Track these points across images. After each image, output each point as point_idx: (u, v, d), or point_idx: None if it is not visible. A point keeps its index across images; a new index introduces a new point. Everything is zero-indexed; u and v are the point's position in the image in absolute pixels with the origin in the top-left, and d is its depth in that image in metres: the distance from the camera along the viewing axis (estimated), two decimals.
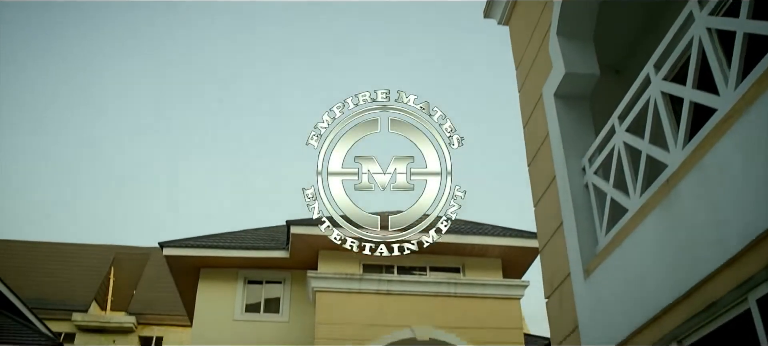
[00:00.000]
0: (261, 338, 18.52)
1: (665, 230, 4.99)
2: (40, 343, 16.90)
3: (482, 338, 16.58)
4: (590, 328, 6.08)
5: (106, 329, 29.06)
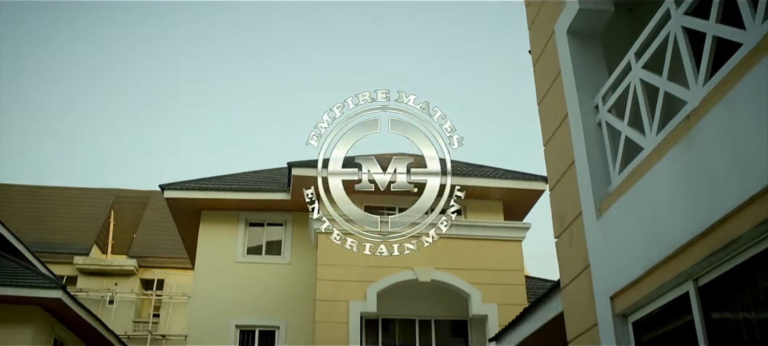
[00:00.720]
0: (263, 280, 18.65)
1: (684, 168, 4.91)
2: (44, 285, 16.97)
3: (484, 280, 16.68)
4: (602, 267, 6.06)
5: (108, 272, 29.22)
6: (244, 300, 18.40)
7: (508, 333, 10.81)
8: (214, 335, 18.04)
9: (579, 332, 6.51)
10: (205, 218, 19.28)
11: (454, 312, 17.52)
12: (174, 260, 29.71)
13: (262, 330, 18.44)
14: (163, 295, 29.19)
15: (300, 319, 18.15)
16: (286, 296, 18.41)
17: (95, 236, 30.90)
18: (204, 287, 18.62)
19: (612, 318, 5.83)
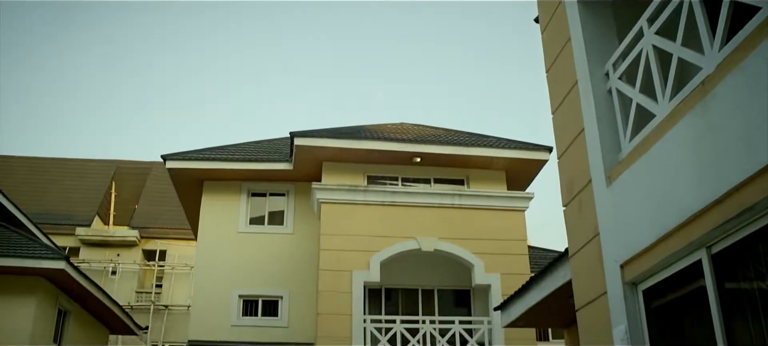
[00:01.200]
0: (265, 250, 18.67)
1: (698, 135, 4.85)
2: (48, 256, 16.99)
3: (487, 250, 16.71)
4: (612, 235, 6.02)
5: (110, 243, 29.29)
6: (247, 270, 18.45)
7: (513, 302, 10.80)
8: (218, 304, 18.11)
9: (588, 301, 6.49)
10: (208, 188, 19.25)
11: (457, 282, 17.59)
12: (176, 230, 29.77)
13: (266, 300, 18.51)
14: (166, 265, 29.28)
15: (303, 289, 18.22)
16: (288, 266, 18.45)
17: (97, 207, 30.93)
18: (207, 258, 18.65)
19: (622, 286, 5.80)
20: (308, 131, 17.86)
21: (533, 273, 16.89)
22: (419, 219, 16.84)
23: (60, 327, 18.77)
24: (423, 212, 16.93)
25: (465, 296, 17.89)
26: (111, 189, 32.29)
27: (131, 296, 28.16)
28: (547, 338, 19.29)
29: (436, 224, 16.81)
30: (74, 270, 17.74)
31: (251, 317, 18.36)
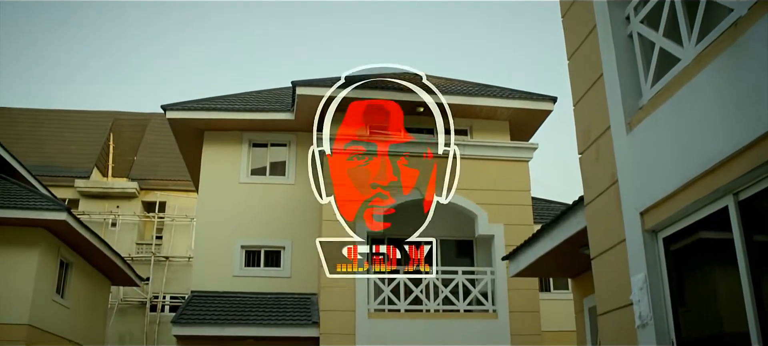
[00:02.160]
0: (267, 201, 18.59)
1: (728, 79, 4.72)
2: (49, 207, 16.91)
3: (490, 200, 16.64)
4: (631, 182, 5.93)
5: (109, 194, 29.19)
6: (248, 221, 18.39)
7: (522, 252, 10.78)
8: (220, 255, 18.10)
9: (604, 249, 6.43)
10: (208, 138, 19.08)
11: (459, 232, 17.58)
12: (175, 182, 29.67)
13: (268, 250, 18.50)
14: (166, 217, 29.24)
15: (305, 239, 18.16)
16: (291, 217, 18.39)
17: (95, 159, 30.75)
18: (208, 209, 18.58)
19: (641, 234, 5.73)
20: (310, 80, 17.63)
21: (536, 224, 16.98)
22: (422, 169, 16.72)
23: (62, 279, 18.80)
24: (426, 161, 16.79)
25: (468, 246, 17.88)
26: (109, 141, 32.07)
27: (131, 247, 28.15)
28: (549, 288, 19.35)
29: (440, 173, 16.69)
30: (76, 221, 17.68)
31: (254, 267, 18.36)
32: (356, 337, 15.46)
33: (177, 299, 28.03)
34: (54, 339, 17.99)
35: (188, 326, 16.02)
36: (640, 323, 5.66)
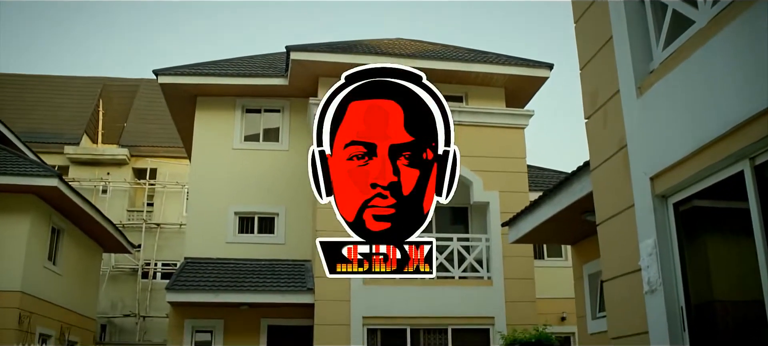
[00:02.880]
0: (261, 167, 18.46)
1: (746, 43, 4.61)
2: (40, 173, 16.72)
3: (485, 167, 16.56)
4: (641, 147, 5.84)
5: (100, 161, 28.90)
6: (242, 187, 18.26)
7: (523, 218, 10.73)
8: (213, 222, 17.99)
9: (611, 214, 6.36)
10: (201, 104, 18.86)
11: (456, 199, 17.40)
12: (166, 149, 29.41)
13: (261, 217, 18.40)
14: (157, 184, 29.02)
15: (299, 205, 18.10)
16: (284, 183, 18.27)
17: (85, 126, 30.40)
18: (201, 175, 18.42)
19: (651, 199, 5.66)
20: (304, 45, 17.41)
21: (531, 191, 16.95)
22: None
23: (54, 246, 18.66)
24: None
25: (462, 213, 17.84)
26: (98, 107, 31.69)
27: (123, 214, 27.94)
28: (542, 256, 19.37)
29: None
30: (67, 187, 17.50)
31: (247, 234, 18.27)
32: (351, 303, 15.45)
33: (169, 266, 27.93)
34: (46, 306, 17.91)
35: (182, 293, 15.95)
36: (649, 289, 5.61)
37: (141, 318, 26.76)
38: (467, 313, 15.76)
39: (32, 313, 17.08)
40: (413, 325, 15.62)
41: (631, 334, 6.00)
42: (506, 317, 15.73)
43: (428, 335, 15.72)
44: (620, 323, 6.22)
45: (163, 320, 26.30)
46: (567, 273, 18.76)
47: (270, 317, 16.85)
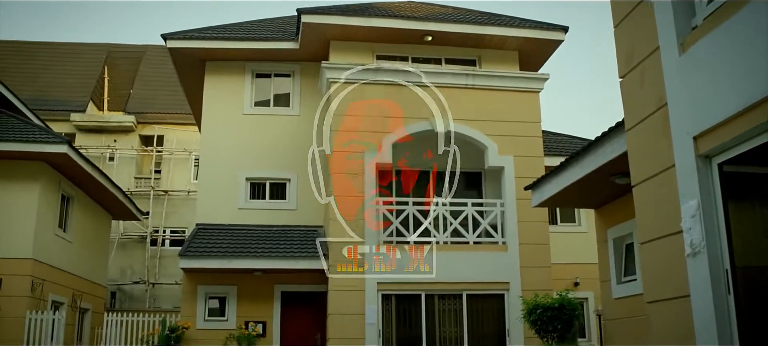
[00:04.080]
0: (272, 132, 18.27)
1: None
2: (50, 140, 16.57)
3: (500, 131, 16.39)
4: (683, 106, 5.64)
5: (106, 128, 28.70)
6: (253, 153, 18.09)
7: (547, 181, 10.54)
8: (224, 188, 17.85)
9: (649, 176, 6.18)
10: (210, 69, 18.61)
11: (468, 164, 17.32)
12: (173, 115, 29.18)
13: (273, 182, 18.25)
14: (164, 151, 28.84)
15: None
16: (296, 149, 18.06)
17: (90, 93, 30.14)
18: (212, 140, 18.23)
19: (694, 159, 5.48)
20: (316, 8, 17.09)
21: (546, 156, 16.77)
22: (431, 99, 16.38)
23: (64, 213, 18.57)
24: (434, 92, 16.45)
25: (476, 178, 17.68)
26: (104, 74, 31.39)
27: (130, 182, 27.81)
28: (556, 221, 19.21)
29: (450, 104, 16.37)
30: (77, 154, 17.36)
31: (259, 200, 18.13)
32: (365, 269, 15.35)
33: (177, 234, 27.90)
34: (58, 273, 17.87)
35: (195, 259, 15.87)
36: (691, 251, 5.45)
37: (150, 285, 26.77)
38: (482, 278, 15.67)
39: (44, 280, 17.05)
40: (428, 290, 15.54)
41: (669, 298, 5.86)
42: (521, 282, 15.65)
43: (443, 301, 15.65)
44: (658, 286, 6.08)
45: (173, 286, 26.36)
46: (580, 239, 18.74)
47: (283, 282, 16.79)
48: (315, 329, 16.86)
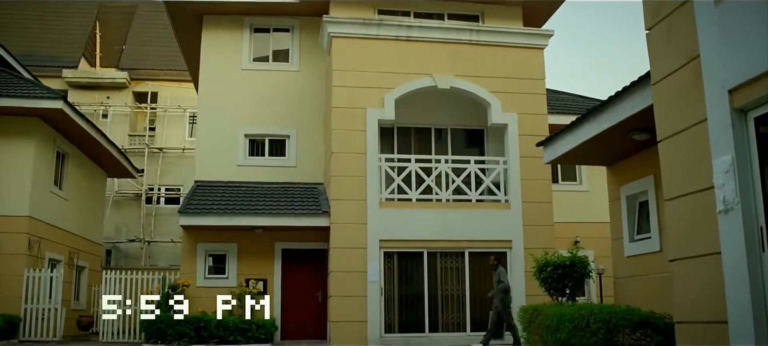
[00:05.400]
0: (271, 88, 18.01)
1: None
2: (46, 96, 16.28)
3: (504, 88, 16.19)
4: (718, 58, 5.44)
5: (99, 85, 28.26)
6: (252, 109, 17.83)
7: (562, 137, 10.33)
8: (223, 145, 17.63)
9: (677, 130, 6.00)
10: (208, 23, 18.24)
11: (471, 121, 17.18)
12: (166, 72, 28.76)
13: (272, 139, 18.02)
14: (158, 108, 28.48)
15: (310, 127, 17.76)
16: (295, 105, 17.86)
17: (82, 49, 29.60)
18: (210, 97, 17.95)
19: (729, 113, 5.30)
20: None
21: (550, 114, 16.60)
22: (433, 55, 16.13)
23: (60, 170, 18.35)
24: (438, 47, 16.19)
25: (478, 135, 17.50)
26: (95, 29, 30.81)
27: (124, 139, 27.43)
28: (557, 179, 19.07)
29: (452, 60, 16.13)
30: (72, 110, 17.09)
31: (258, 157, 17.91)
32: (368, 227, 15.24)
33: (172, 191, 27.67)
34: (54, 231, 17.69)
35: (195, 216, 15.71)
36: (724, 207, 5.30)
37: (146, 243, 26.62)
38: (484, 236, 15.60)
39: (41, 238, 16.88)
40: (430, 248, 15.47)
41: (698, 255, 5.72)
42: (523, 240, 15.60)
43: (445, 258, 15.59)
44: (683, 243, 5.94)
45: (169, 244, 26.23)
46: (581, 197, 18.67)
47: (284, 240, 16.66)
48: (316, 286, 16.80)
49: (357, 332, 14.76)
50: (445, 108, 17.06)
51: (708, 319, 5.56)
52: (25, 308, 15.73)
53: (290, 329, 16.40)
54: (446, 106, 17.02)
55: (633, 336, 7.56)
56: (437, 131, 17.42)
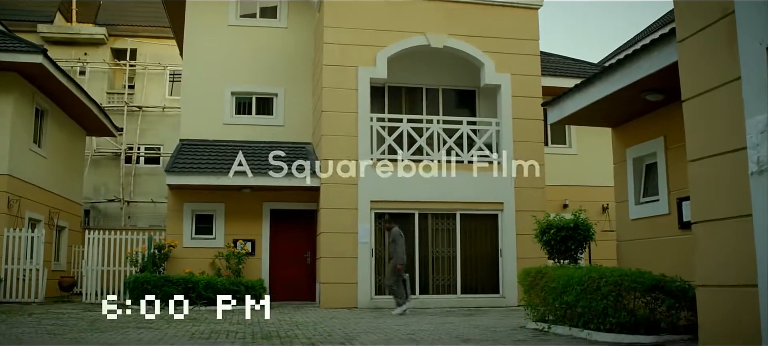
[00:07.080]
0: (258, 45, 17.60)
1: None
2: (25, 50, 15.71)
3: (497, 48, 15.93)
4: (755, 12, 5.22)
5: (76, 41, 27.43)
6: (239, 67, 17.41)
7: (570, 96, 10.10)
8: (209, 103, 17.21)
9: (706, 89, 5.81)
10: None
11: (463, 81, 16.93)
12: (146, 28, 27.98)
13: (259, 97, 17.64)
14: (137, 65, 27.78)
15: (298, 86, 17.42)
16: (283, 63, 17.47)
17: (58, 3, 28.69)
18: (195, 53, 17.46)
19: (767, 71, 5.09)
20: None
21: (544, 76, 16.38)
22: (427, 14, 15.78)
23: (38, 128, 17.84)
24: (430, 5, 15.83)
25: (470, 96, 17.26)
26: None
27: (102, 97, 26.71)
28: (547, 142, 18.87)
29: (445, 19, 15.80)
30: (52, 65, 16.49)
31: (244, 115, 17.52)
32: (358, 187, 15.01)
33: (152, 151, 27.11)
34: (34, 190, 17.24)
35: (182, 175, 15.35)
36: (758, 169, 5.13)
37: (125, 203, 26.14)
38: (476, 198, 15.45)
39: (21, 197, 16.43)
40: (421, 209, 15.30)
41: (724, 217, 5.57)
42: (515, 202, 15.48)
43: (436, 220, 15.44)
44: (710, 205, 5.78)
45: (148, 205, 25.80)
46: (571, 160, 18.59)
47: (272, 200, 16.40)
48: (305, 247, 16.59)
49: (347, 294, 14.61)
50: (440, 68, 16.78)
51: (736, 282, 5.43)
52: (6, 269, 15.34)
53: (279, 291, 16.20)
54: (440, 66, 16.73)
55: (644, 299, 7.45)
56: (428, 91, 17.14)
